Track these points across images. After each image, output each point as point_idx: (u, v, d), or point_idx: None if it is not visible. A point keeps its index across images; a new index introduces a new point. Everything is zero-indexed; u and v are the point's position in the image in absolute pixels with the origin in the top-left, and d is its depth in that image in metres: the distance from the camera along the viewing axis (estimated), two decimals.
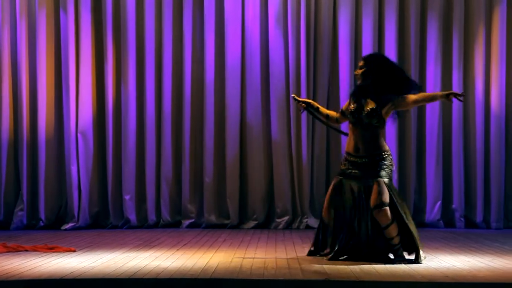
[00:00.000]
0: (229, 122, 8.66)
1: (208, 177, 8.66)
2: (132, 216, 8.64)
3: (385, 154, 5.55)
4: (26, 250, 6.27)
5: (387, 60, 5.60)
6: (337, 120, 5.84)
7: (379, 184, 5.45)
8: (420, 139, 8.80)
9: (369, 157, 5.51)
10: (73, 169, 8.57)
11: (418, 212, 8.75)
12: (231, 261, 5.55)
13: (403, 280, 4.67)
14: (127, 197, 8.64)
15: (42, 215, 8.59)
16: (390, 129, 8.69)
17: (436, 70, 8.71)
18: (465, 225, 8.65)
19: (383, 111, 5.54)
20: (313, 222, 8.59)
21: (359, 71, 5.60)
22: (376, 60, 5.58)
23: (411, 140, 8.70)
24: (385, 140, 5.75)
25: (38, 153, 8.62)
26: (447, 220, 8.71)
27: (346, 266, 5.23)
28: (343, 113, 5.75)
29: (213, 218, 8.66)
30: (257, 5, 8.68)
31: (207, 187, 8.66)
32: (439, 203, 8.67)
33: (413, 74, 8.67)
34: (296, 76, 8.61)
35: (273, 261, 5.58)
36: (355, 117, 5.54)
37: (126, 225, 8.62)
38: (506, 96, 8.73)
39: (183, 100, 8.70)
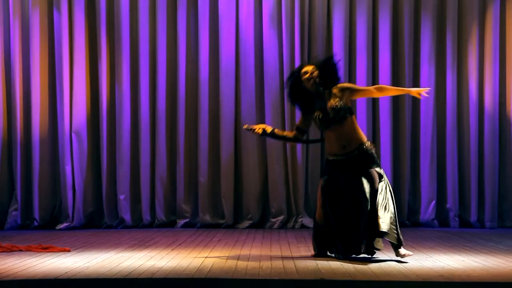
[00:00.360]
0: (223, 122, 8.66)
1: (203, 176, 8.66)
2: (126, 216, 8.63)
3: (366, 144, 5.66)
4: (20, 250, 6.25)
5: (331, 59, 5.77)
6: (295, 138, 5.91)
7: (372, 173, 5.60)
8: (414, 139, 8.82)
9: (357, 149, 5.62)
10: (67, 168, 8.55)
11: (413, 212, 8.77)
12: (226, 261, 5.55)
13: (398, 279, 4.68)
14: (121, 197, 8.63)
15: (36, 215, 8.57)
16: (385, 129, 8.71)
17: (430, 69, 8.73)
18: (459, 224, 8.67)
19: (344, 101, 5.63)
20: (308, 221, 8.59)
21: (315, 76, 5.65)
22: (323, 63, 5.72)
23: (405, 140, 8.72)
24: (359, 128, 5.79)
25: (32, 153, 8.60)
26: (442, 219, 8.73)
27: (341, 266, 5.23)
28: (299, 129, 5.85)
29: (208, 218, 8.65)
30: (251, 4, 8.68)
31: (201, 187, 8.66)
32: (433, 202, 8.69)
33: (407, 74, 8.70)
34: None
35: (268, 260, 5.58)
36: (325, 120, 5.62)
37: (120, 225, 8.61)
38: (499, 95, 8.75)
39: (177, 100, 8.69)
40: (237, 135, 8.72)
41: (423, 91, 5.68)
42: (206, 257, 5.80)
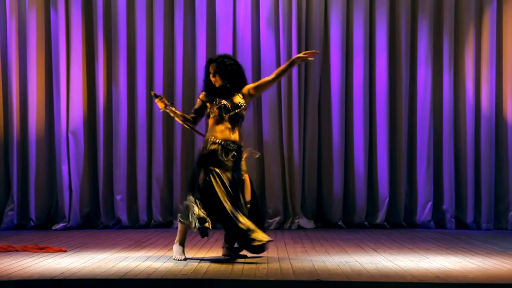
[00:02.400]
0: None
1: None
2: (123, 216, 8.62)
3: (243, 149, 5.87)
4: (17, 250, 6.24)
5: (232, 59, 5.93)
6: (194, 120, 5.96)
7: (247, 179, 5.82)
8: (411, 140, 8.83)
9: (239, 147, 5.80)
10: (64, 169, 8.55)
11: (409, 213, 8.78)
12: (222, 262, 5.54)
13: (394, 280, 4.68)
14: (118, 197, 8.63)
15: (32, 215, 8.56)
16: (381, 130, 8.72)
17: (426, 71, 8.74)
18: (455, 226, 8.68)
19: (247, 102, 5.91)
20: (305, 222, 8.60)
21: (217, 76, 5.83)
22: (226, 62, 5.86)
23: (402, 141, 8.73)
24: None
25: (28, 153, 8.59)
26: (438, 221, 8.74)
27: (337, 267, 5.24)
28: (198, 112, 5.91)
29: None
30: (249, 6, 8.69)
31: None
32: (430, 204, 8.70)
33: (404, 76, 8.71)
34: (287, 76, 8.62)
35: (264, 261, 5.58)
36: (231, 110, 5.78)
37: (117, 225, 8.61)
38: (496, 97, 8.76)
39: (175, 100, 8.68)
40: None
41: (309, 54, 5.80)
42: (202, 258, 5.80)
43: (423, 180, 8.71)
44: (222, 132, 5.75)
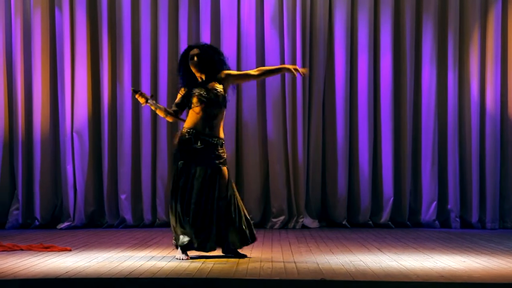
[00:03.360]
0: (224, 122, 8.58)
1: None
2: (128, 215, 8.63)
3: (223, 141, 5.81)
4: (21, 249, 6.25)
5: (212, 47, 5.91)
6: (176, 113, 5.90)
7: (224, 173, 5.68)
8: (416, 139, 8.82)
9: (216, 138, 5.73)
10: (69, 168, 8.56)
11: (414, 213, 8.77)
12: (226, 261, 5.54)
13: (399, 280, 4.67)
14: (123, 197, 8.64)
15: (37, 214, 8.58)
16: (386, 128, 8.71)
17: (431, 70, 8.72)
18: (460, 225, 8.67)
19: (225, 88, 5.80)
20: (309, 222, 8.60)
21: (196, 59, 5.75)
22: (207, 48, 5.83)
23: (407, 140, 8.72)
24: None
25: (33, 152, 8.60)
26: (443, 220, 8.73)
27: (342, 266, 5.23)
28: (179, 105, 5.86)
29: None
30: (253, 5, 8.68)
31: None
32: (434, 203, 8.68)
33: (408, 75, 8.70)
34: (292, 75, 8.61)
35: (269, 261, 5.58)
36: (206, 98, 5.69)
37: (121, 224, 8.62)
38: (501, 96, 8.75)
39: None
40: (238, 135, 8.72)
41: (300, 70, 5.77)
42: (206, 256, 5.80)
43: (428, 180, 8.70)
44: (195, 122, 5.71)
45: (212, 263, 5.42)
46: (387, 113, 8.72)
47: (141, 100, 5.84)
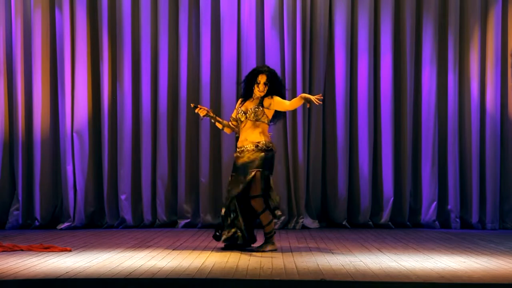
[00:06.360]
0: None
1: (204, 177, 8.66)
2: (128, 216, 8.63)
3: (264, 143, 6.31)
4: (22, 250, 6.26)
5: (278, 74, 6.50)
6: (234, 126, 6.47)
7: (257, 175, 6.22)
8: (416, 140, 8.82)
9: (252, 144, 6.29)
10: (69, 168, 8.56)
11: (414, 213, 8.78)
12: (227, 261, 5.55)
13: (399, 280, 4.68)
14: (123, 197, 8.64)
15: (37, 214, 8.58)
16: (386, 130, 8.71)
17: (431, 71, 8.73)
18: (460, 226, 8.67)
19: (263, 108, 6.31)
20: (309, 222, 8.60)
21: (262, 88, 6.32)
22: (276, 77, 6.43)
23: (407, 141, 8.72)
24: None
25: (33, 153, 8.60)
26: (443, 221, 8.73)
27: (342, 267, 5.23)
28: (235, 119, 6.44)
29: (209, 218, 8.66)
30: (253, 5, 8.69)
31: (203, 187, 8.66)
32: (434, 204, 8.68)
33: (409, 76, 8.70)
34: (292, 76, 8.63)
35: (269, 261, 5.58)
36: (244, 114, 6.31)
37: (122, 225, 8.62)
38: (501, 97, 8.75)
39: (179, 100, 8.70)
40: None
41: (314, 99, 6.04)
42: (207, 257, 5.81)
43: (428, 180, 8.70)
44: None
45: (213, 263, 5.43)
46: (387, 113, 8.72)
47: (202, 113, 6.31)
